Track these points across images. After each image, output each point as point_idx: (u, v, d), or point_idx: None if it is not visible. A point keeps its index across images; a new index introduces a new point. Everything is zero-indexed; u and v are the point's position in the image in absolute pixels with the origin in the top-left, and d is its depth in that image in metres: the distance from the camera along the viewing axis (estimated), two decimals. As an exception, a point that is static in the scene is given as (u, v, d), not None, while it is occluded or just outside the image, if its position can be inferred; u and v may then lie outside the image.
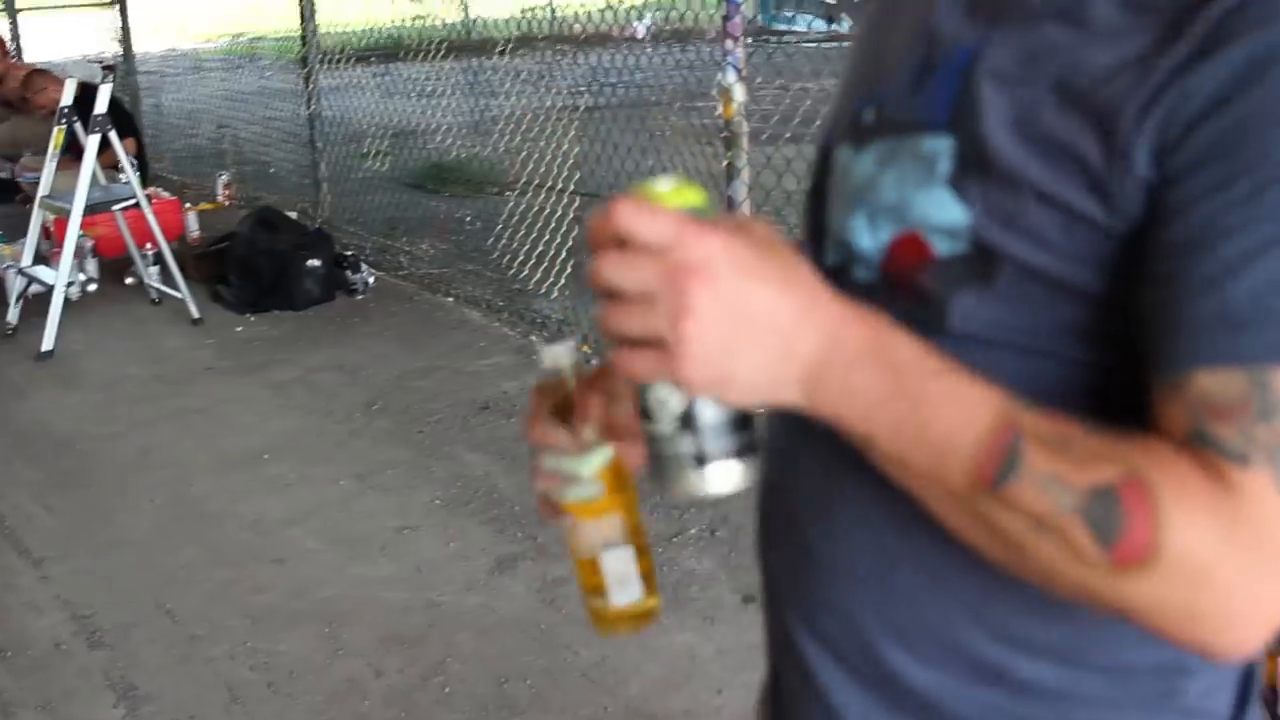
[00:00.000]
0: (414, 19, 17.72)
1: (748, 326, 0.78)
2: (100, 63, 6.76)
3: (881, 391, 0.81)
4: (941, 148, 0.93)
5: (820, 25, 17.19)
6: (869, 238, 0.98)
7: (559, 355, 1.15)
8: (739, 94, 4.73)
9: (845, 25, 17.42)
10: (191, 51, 16.81)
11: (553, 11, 18.70)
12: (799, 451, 1.06)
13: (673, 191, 0.82)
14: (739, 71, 4.70)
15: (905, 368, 0.82)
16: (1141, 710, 0.98)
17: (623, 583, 1.16)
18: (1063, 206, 0.86)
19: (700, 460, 0.84)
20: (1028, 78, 0.89)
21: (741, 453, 0.85)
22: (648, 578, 1.16)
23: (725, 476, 0.85)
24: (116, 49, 10.88)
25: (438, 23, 18.08)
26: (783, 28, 16.79)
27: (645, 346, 0.79)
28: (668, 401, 0.84)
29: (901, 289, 0.95)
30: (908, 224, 0.95)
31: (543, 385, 1.15)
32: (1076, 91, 0.86)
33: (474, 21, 18.60)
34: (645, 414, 0.86)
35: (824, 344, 0.80)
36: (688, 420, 0.84)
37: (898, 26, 1.06)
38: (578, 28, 16.89)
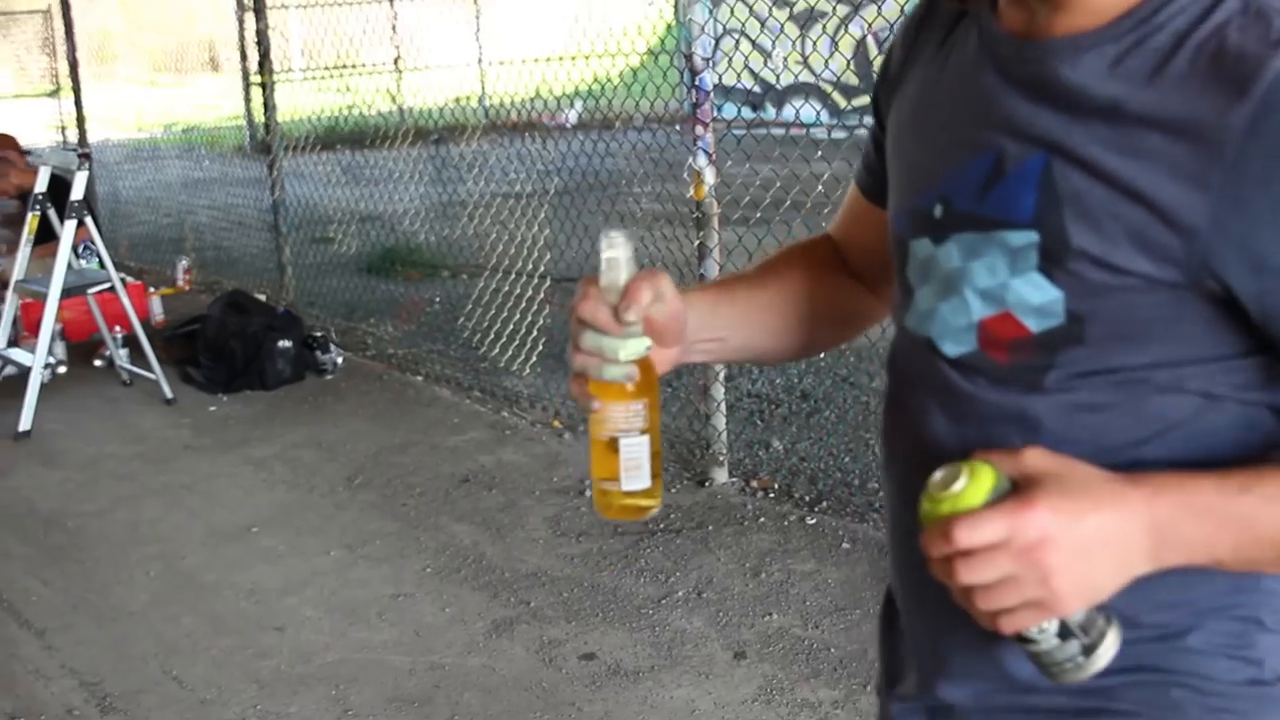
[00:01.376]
0: (347, 108, 17.99)
1: (1093, 555, 1.00)
2: (75, 149, 6.89)
3: (1211, 533, 1.03)
4: (1029, 240, 1.10)
5: (748, 113, 17.59)
6: (964, 318, 1.17)
7: (617, 242, 1.24)
8: (709, 177, 4.95)
9: (769, 113, 17.86)
10: (133, 140, 16.90)
11: (482, 100, 19.05)
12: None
13: (973, 485, 1.01)
14: (709, 155, 4.92)
15: (1215, 505, 1.03)
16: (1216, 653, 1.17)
17: (636, 469, 1.25)
18: (1150, 278, 1.06)
19: (1088, 651, 1.05)
20: (1106, 181, 1.06)
21: (1108, 620, 1.05)
22: (656, 476, 1.26)
23: (1109, 647, 1.05)
24: (58, 137, 11.02)
25: (371, 112, 18.35)
26: (720, 117, 17.11)
27: (1024, 608, 1.01)
28: (1046, 627, 1.03)
29: (996, 360, 1.15)
30: (1004, 306, 1.13)
31: (599, 275, 1.25)
32: (1143, 193, 1.04)
33: (405, 110, 18.86)
34: (1024, 639, 1.05)
35: (1149, 529, 1.02)
36: (1066, 631, 1.04)
37: (940, 127, 1.24)
38: (513, 116, 17.12)
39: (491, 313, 6.81)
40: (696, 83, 4.91)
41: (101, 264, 6.72)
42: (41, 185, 6.48)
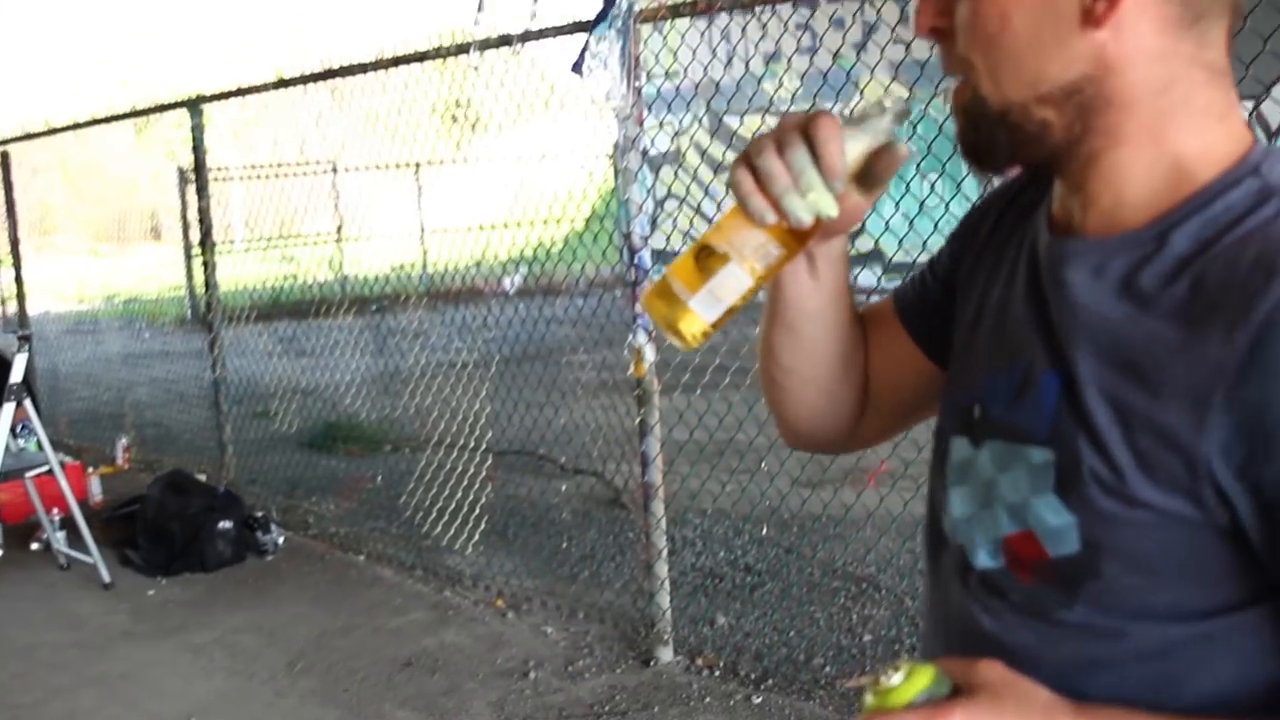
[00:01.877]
0: (288, 278, 18.08)
1: None
2: (15, 331, 6.88)
3: None
4: (1046, 459, 1.11)
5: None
6: (992, 531, 1.18)
7: (893, 110, 1.19)
8: (649, 355, 5.01)
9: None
10: (73, 313, 16.88)
11: (425, 267, 19.22)
12: None
13: (907, 684, 1.02)
14: (649, 333, 4.98)
15: None
16: None
17: (715, 301, 1.17)
18: (1159, 510, 1.05)
19: None
20: (1114, 404, 1.06)
21: None
22: (717, 326, 1.18)
23: None
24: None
25: (312, 281, 18.46)
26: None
27: None
28: None
29: (1021, 579, 1.15)
30: (1027, 525, 1.13)
31: (857, 120, 1.19)
32: (1154, 420, 1.04)
33: (346, 279, 18.99)
34: None
35: None
36: None
37: (991, 325, 1.25)
38: (454, 283, 17.26)
39: (434, 490, 6.79)
40: (635, 261, 4.99)
41: (40, 445, 6.67)
42: (-20, 368, 6.45)
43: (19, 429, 6.84)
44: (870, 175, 1.22)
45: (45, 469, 6.53)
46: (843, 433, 1.51)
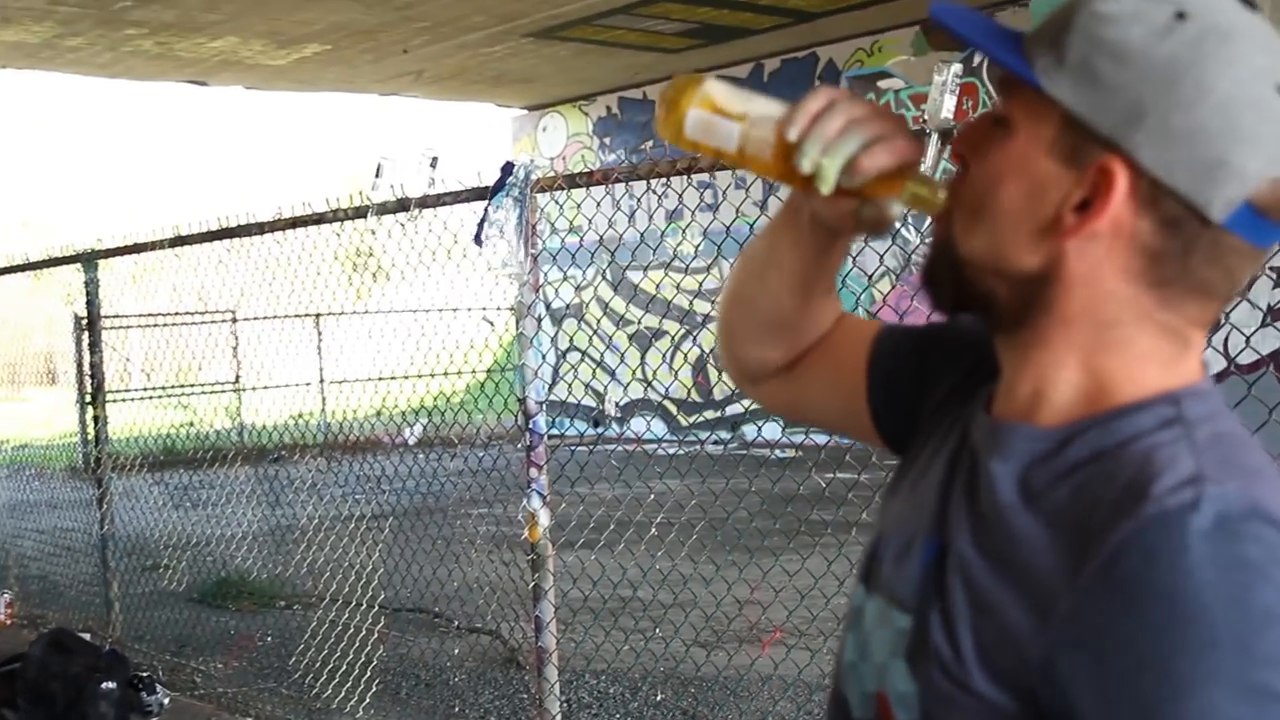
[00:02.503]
0: (185, 425, 17.89)
1: None
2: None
3: None
4: (905, 625, 1.14)
5: (591, 431, 17.91)
6: (864, 684, 1.20)
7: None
8: (544, 519, 5.00)
9: (612, 429, 18.20)
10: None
11: (324, 417, 19.11)
12: None
13: None
14: (544, 498, 4.98)
15: None
16: None
17: (705, 126, 1.28)
18: (989, 703, 1.06)
19: None
20: (972, 589, 1.08)
21: None
22: (688, 141, 1.28)
23: None
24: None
25: (209, 429, 18.29)
26: (557, 433, 17.42)
27: None
28: None
29: None
30: (883, 686, 1.16)
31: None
32: (1004, 616, 1.05)
33: (246, 428, 18.83)
34: None
35: None
36: None
37: (912, 481, 1.28)
38: (353, 434, 17.14)
39: (325, 649, 6.69)
40: (530, 426, 5.00)
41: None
42: None
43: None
44: (879, 212, 1.30)
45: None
46: (754, 373, 1.56)
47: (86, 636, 7.31)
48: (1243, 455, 1.07)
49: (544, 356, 5.25)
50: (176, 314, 19.17)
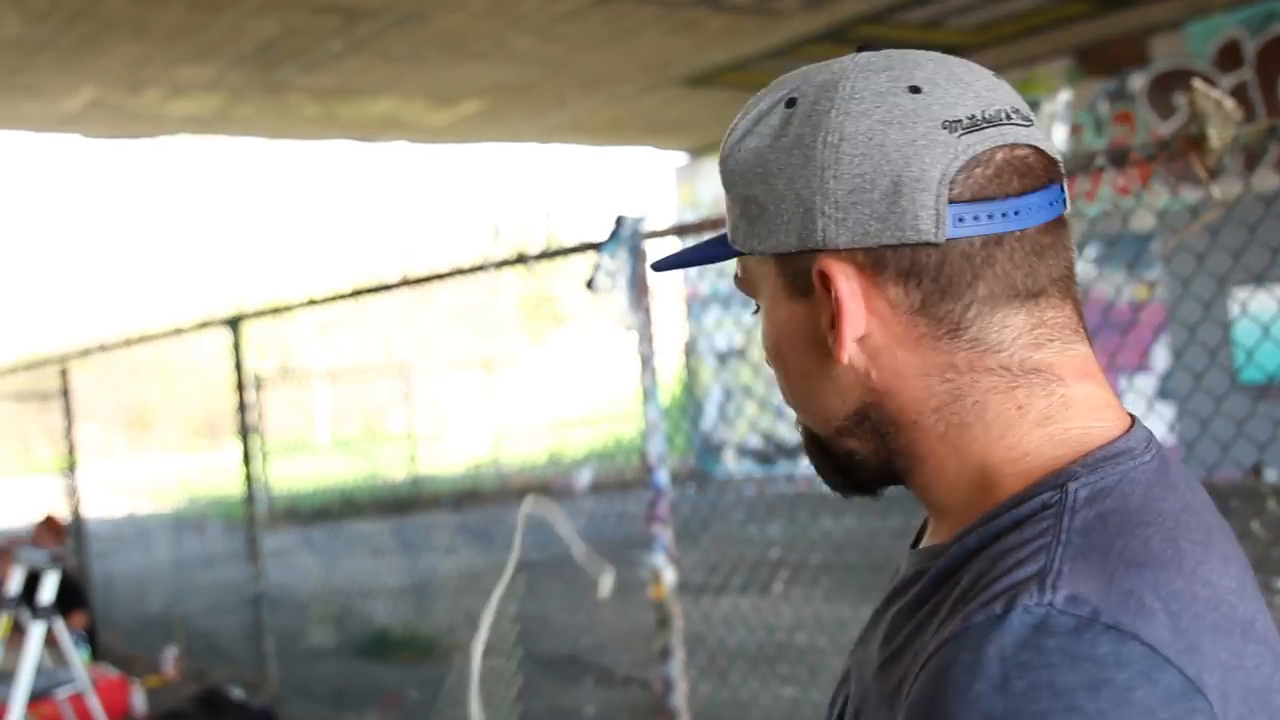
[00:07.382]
0: (367, 477, 18.25)
1: None
2: (50, 551, 6.91)
3: None
4: None
5: (757, 471, 17.80)
6: None
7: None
8: (669, 577, 4.88)
9: (781, 468, 18.05)
10: (139, 516, 17.11)
11: (498, 464, 19.32)
12: None
13: None
14: (668, 553, 4.87)
15: None
16: None
17: None
18: None
19: None
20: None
21: None
22: None
23: None
24: (65, 512, 11.12)
25: (382, 481, 18.62)
26: (723, 477, 17.36)
27: None
28: None
29: None
30: None
31: None
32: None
33: (419, 478, 19.13)
34: None
35: None
36: None
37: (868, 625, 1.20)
38: (524, 480, 17.32)
39: (475, 702, 6.66)
40: (651, 481, 4.91)
41: (94, 655, 6.66)
42: (15, 586, 6.46)
43: (75, 638, 6.84)
44: None
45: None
46: None
47: (240, 692, 7.43)
48: (1124, 541, 0.91)
49: (700, 400, 5.17)
50: (345, 369, 19.62)
